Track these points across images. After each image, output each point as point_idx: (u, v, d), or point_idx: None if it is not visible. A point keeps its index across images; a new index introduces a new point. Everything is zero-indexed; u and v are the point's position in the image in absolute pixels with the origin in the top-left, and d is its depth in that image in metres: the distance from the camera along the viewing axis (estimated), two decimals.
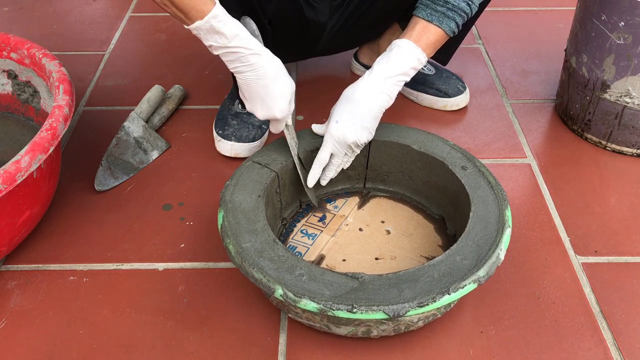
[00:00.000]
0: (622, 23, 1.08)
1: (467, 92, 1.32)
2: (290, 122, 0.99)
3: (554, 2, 1.76)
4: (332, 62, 1.44)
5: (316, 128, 1.03)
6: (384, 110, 0.98)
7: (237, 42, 0.87)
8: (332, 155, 0.98)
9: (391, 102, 0.97)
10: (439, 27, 0.96)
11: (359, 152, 1.00)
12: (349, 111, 0.96)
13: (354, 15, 1.19)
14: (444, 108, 1.31)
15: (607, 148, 1.21)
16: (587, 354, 0.85)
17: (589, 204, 1.09)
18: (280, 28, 1.10)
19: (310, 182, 0.99)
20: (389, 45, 0.98)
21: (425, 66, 1.33)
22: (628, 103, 1.14)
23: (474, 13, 1.01)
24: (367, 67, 1.38)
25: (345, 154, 0.99)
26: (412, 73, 0.98)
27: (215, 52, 0.89)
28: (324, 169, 1.00)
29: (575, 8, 1.23)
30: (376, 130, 1.02)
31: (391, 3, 1.18)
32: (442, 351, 0.85)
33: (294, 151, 0.99)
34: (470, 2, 0.98)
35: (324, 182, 1.01)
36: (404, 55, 0.96)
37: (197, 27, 0.85)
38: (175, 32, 1.64)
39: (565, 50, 1.27)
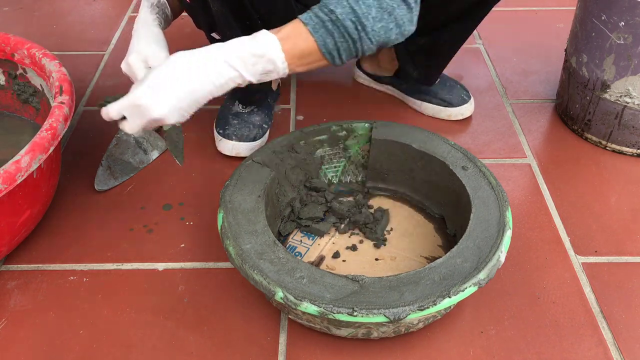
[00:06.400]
0: (622, 23, 1.08)
1: (471, 102, 1.30)
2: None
3: (554, 2, 1.76)
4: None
5: None
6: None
7: None
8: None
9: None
10: (311, 35, 0.79)
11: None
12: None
13: None
14: (448, 118, 1.29)
15: (607, 148, 1.21)
16: (587, 354, 0.85)
17: (589, 204, 1.09)
18: (270, 27, 1.10)
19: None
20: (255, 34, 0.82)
21: None
22: (628, 103, 1.14)
23: (364, 50, 0.81)
24: (370, 75, 1.38)
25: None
26: (256, 67, 0.80)
27: None
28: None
29: (575, 8, 1.23)
30: (376, 128, 1.02)
31: None
32: (442, 351, 0.86)
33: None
34: (359, 29, 0.78)
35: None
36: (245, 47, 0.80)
37: None
38: (176, 32, 1.63)
39: (565, 50, 1.27)
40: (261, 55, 0.79)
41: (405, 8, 0.80)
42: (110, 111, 0.83)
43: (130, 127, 0.83)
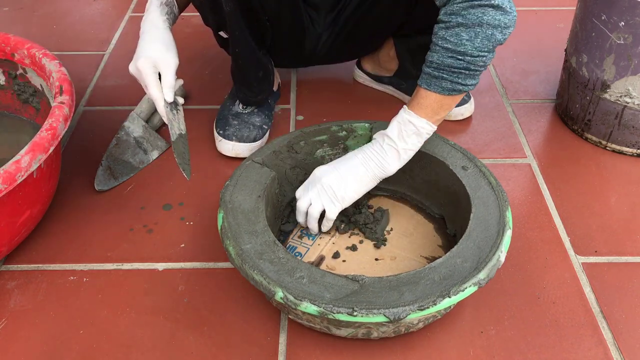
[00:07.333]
0: (622, 23, 1.08)
1: (471, 102, 1.30)
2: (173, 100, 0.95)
3: (554, 2, 1.76)
4: (334, 65, 1.44)
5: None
6: (372, 177, 0.95)
7: None
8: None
9: (383, 170, 0.94)
10: (427, 89, 0.90)
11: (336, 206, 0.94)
12: (335, 163, 0.96)
13: (345, 30, 1.18)
14: (448, 118, 1.29)
15: (607, 148, 1.21)
16: (587, 354, 0.85)
17: (589, 204, 1.09)
18: (277, 28, 1.10)
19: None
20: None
21: None
22: (628, 103, 1.14)
23: (476, 64, 0.89)
24: (370, 75, 1.38)
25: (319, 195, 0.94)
26: (411, 138, 0.92)
27: None
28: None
29: (575, 8, 1.23)
30: (376, 128, 1.02)
31: (380, 22, 1.18)
32: (442, 351, 0.86)
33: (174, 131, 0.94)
34: (458, 57, 0.87)
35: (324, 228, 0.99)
36: (394, 124, 0.93)
37: None
38: (176, 32, 1.62)
39: (565, 50, 1.27)
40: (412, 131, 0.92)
41: (491, 11, 0.87)
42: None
43: None
